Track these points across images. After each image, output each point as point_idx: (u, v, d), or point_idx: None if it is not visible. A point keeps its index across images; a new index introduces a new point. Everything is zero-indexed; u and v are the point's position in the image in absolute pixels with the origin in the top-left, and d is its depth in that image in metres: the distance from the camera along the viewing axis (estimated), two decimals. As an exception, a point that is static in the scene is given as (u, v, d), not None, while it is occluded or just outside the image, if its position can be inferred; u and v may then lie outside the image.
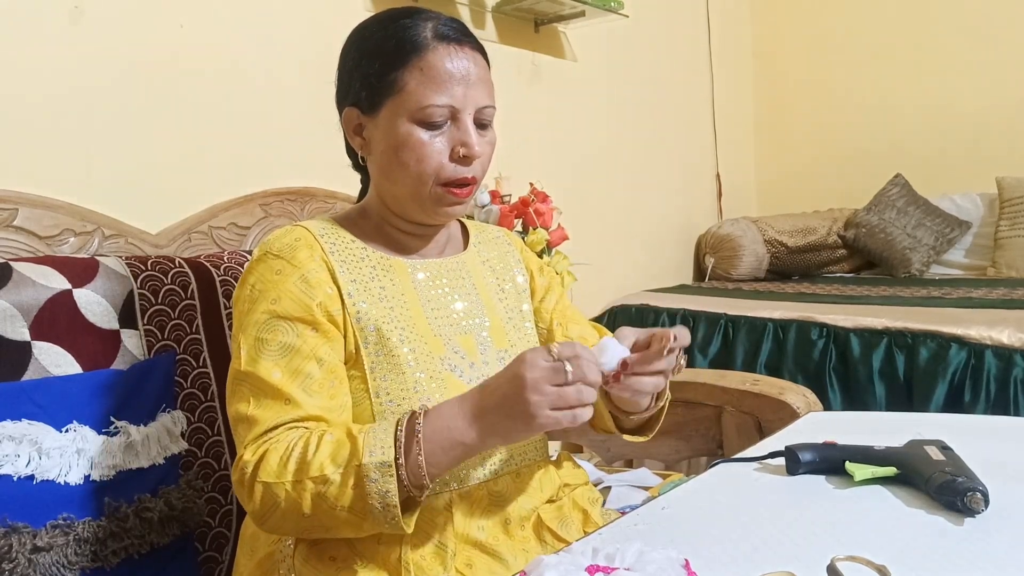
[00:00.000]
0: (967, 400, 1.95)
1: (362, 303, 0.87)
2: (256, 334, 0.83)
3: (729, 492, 0.85)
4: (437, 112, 0.86)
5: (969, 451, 0.82)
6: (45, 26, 1.32)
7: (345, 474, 0.74)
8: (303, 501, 0.75)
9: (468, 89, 0.87)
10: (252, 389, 0.81)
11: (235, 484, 0.80)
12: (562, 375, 0.72)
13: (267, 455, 0.77)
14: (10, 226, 1.10)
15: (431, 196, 0.88)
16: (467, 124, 0.87)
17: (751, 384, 1.48)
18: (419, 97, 0.85)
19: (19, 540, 0.86)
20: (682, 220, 3.28)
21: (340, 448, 0.76)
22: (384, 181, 0.92)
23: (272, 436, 0.79)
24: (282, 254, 0.87)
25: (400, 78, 0.86)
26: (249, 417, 0.80)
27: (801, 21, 3.65)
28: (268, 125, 1.64)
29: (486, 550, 0.85)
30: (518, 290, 1.03)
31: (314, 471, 0.75)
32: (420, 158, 0.86)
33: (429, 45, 0.86)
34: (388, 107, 0.88)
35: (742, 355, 2.38)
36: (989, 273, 2.96)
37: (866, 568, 0.60)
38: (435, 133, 0.87)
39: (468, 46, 0.89)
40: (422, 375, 0.86)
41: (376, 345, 0.86)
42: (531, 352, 0.74)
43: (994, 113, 3.15)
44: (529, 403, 0.72)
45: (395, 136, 0.87)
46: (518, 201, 1.99)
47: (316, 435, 0.77)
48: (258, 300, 0.85)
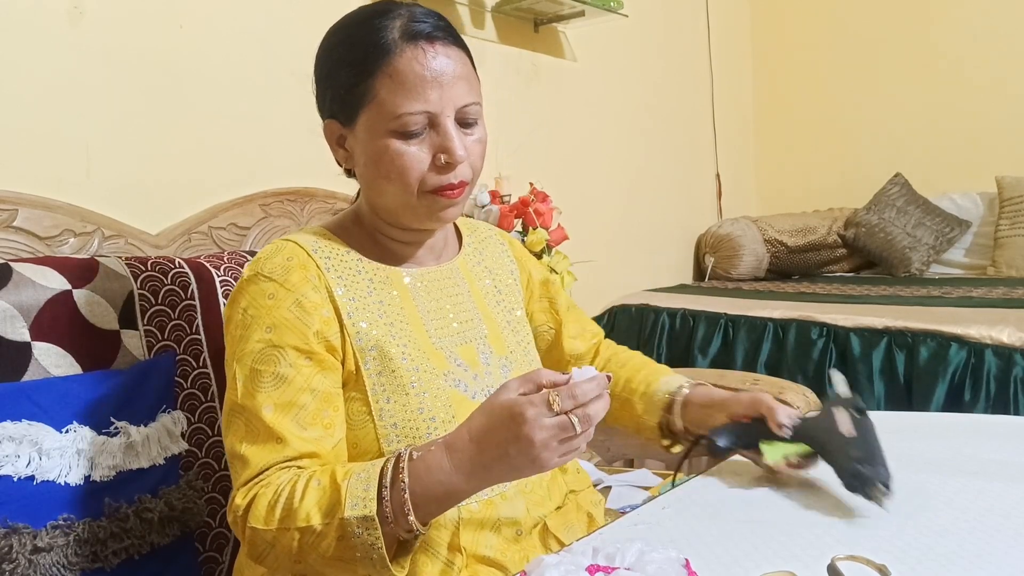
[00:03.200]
0: (967, 399, 1.95)
1: (362, 323, 0.84)
2: (252, 364, 0.80)
3: (729, 492, 0.85)
4: (412, 120, 0.81)
5: (969, 451, 0.82)
6: (45, 26, 1.32)
7: (328, 526, 0.72)
8: (292, 547, 0.74)
9: (444, 90, 0.81)
10: (247, 425, 0.79)
11: (231, 524, 0.79)
12: (570, 429, 0.69)
13: (256, 500, 0.76)
14: (10, 227, 1.10)
15: (421, 205, 0.85)
16: (447, 128, 0.82)
17: (751, 383, 1.48)
18: (391, 106, 0.81)
19: (19, 541, 0.85)
20: (682, 220, 3.27)
21: (324, 496, 0.73)
22: (371, 193, 0.89)
23: (262, 479, 0.77)
24: (274, 276, 0.83)
25: (371, 87, 0.82)
26: (242, 456, 0.79)
27: (801, 21, 3.64)
28: (268, 125, 1.63)
29: (493, 564, 0.84)
30: (513, 293, 1.02)
31: (300, 521, 0.73)
32: (400, 171, 0.82)
33: (396, 48, 0.81)
34: (363, 118, 0.84)
35: (742, 355, 2.38)
36: (989, 272, 2.96)
37: (866, 568, 0.60)
38: (414, 142, 0.82)
39: (440, 43, 0.83)
40: (427, 395, 0.84)
41: (378, 366, 0.84)
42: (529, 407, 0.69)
43: (994, 112, 3.15)
44: (540, 459, 0.69)
45: (374, 149, 0.83)
46: (518, 201, 1.99)
47: (304, 480, 0.75)
48: (251, 326, 0.82)
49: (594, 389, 0.70)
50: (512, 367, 0.94)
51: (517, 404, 0.69)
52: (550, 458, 0.69)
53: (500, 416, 0.71)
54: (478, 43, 2.23)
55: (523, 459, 0.69)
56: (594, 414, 0.69)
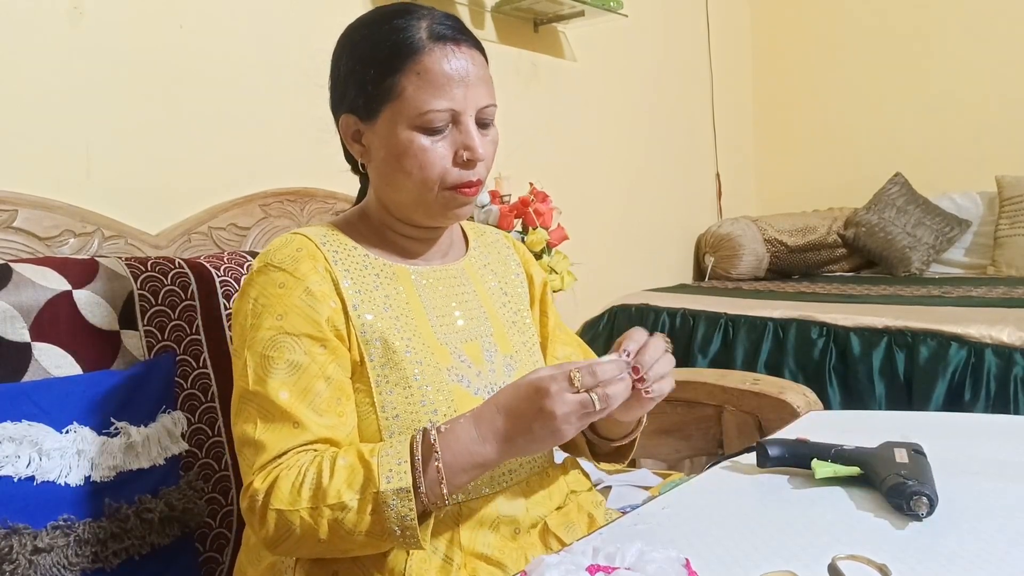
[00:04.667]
0: (967, 399, 1.95)
1: (367, 315, 0.85)
2: (263, 351, 0.81)
3: (729, 492, 0.85)
4: (438, 117, 0.84)
5: (969, 451, 0.82)
6: (45, 26, 1.32)
7: (363, 501, 0.73)
8: (319, 527, 0.74)
9: (468, 90, 0.84)
10: (260, 410, 0.79)
11: (245, 512, 0.78)
12: (590, 406, 0.73)
13: (278, 482, 0.76)
14: (10, 227, 1.10)
15: (438, 201, 0.87)
16: (469, 126, 0.85)
17: (751, 383, 1.48)
18: (418, 102, 0.83)
19: (20, 541, 0.85)
20: (682, 220, 3.27)
21: (354, 473, 0.75)
22: (386, 188, 0.90)
23: (282, 462, 0.77)
24: (284, 266, 0.84)
25: (397, 83, 0.84)
26: (257, 441, 0.78)
27: (801, 21, 3.64)
28: (268, 125, 1.63)
29: (491, 561, 0.84)
30: (519, 295, 1.03)
31: (331, 498, 0.74)
32: (423, 165, 0.84)
33: (425, 47, 0.84)
34: (386, 114, 0.85)
35: (742, 354, 2.38)
36: (989, 272, 2.96)
37: (867, 567, 0.60)
38: (437, 138, 0.85)
39: (465, 44, 0.86)
40: (429, 388, 0.85)
41: (382, 358, 0.84)
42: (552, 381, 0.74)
43: (994, 112, 3.15)
44: (560, 432, 0.74)
45: (396, 143, 0.85)
46: (518, 201, 1.99)
47: (328, 459, 0.76)
48: (262, 315, 0.82)
49: (613, 370, 0.75)
50: (517, 366, 0.95)
51: (542, 380, 0.75)
52: (568, 431, 0.74)
53: (526, 390, 0.76)
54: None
55: (544, 431, 0.75)
56: (613, 395, 0.74)
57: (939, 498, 0.73)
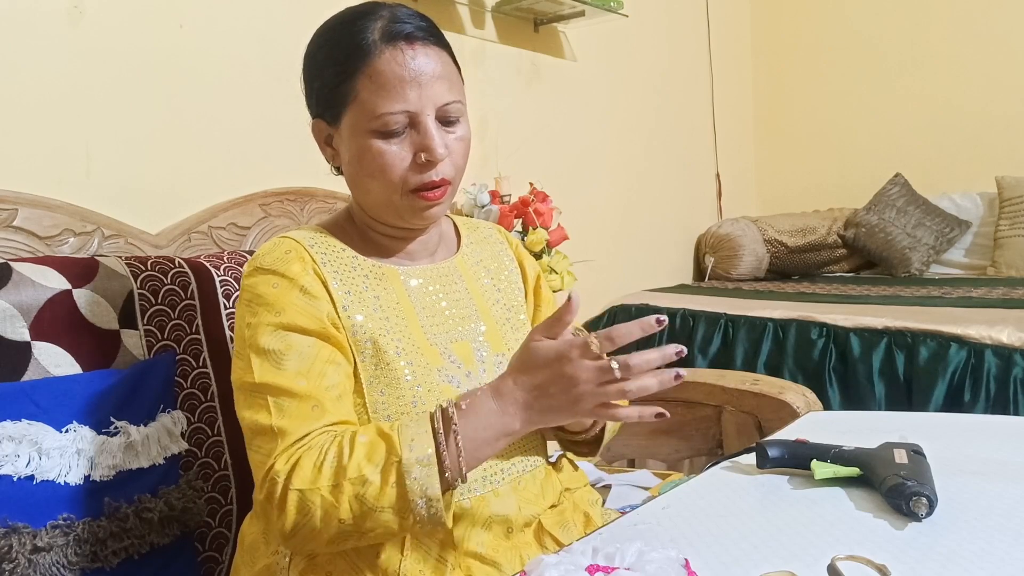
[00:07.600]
0: (967, 399, 1.95)
1: (358, 315, 0.85)
2: (268, 346, 0.80)
3: (729, 492, 0.85)
4: (392, 120, 0.83)
5: (969, 451, 0.82)
6: (45, 26, 1.32)
7: (385, 472, 0.73)
8: (341, 505, 0.73)
9: (423, 90, 0.83)
10: (273, 399, 0.79)
11: (262, 503, 0.77)
12: (609, 372, 0.73)
13: (300, 462, 0.75)
14: (10, 226, 1.10)
15: (403, 205, 0.86)
16: (427, 126, 0.83)
17: (751, 384, 1.48)
18: (372, 106, 0.82)
19: (19, 540, 0.85)
20: (682, 220, 3.28)
21: (375, 447, 0.74)
22: (356, 191, 0.90)
23: (304, 443, 0.76)
24: (275, 268, 0.84)
25: (352, 88, 0.83)
26: (274, 428, 0.77)
27: (801, 21, 3.65)
28: (268, 125, 1.63)
29: (486, 560, 0.84)
30: (514, 292, 1.02)
31: (352, 473, 0.73)
32: (382, 169, 0.84)
33: (375, 49, 0.83)
34: (347, 118, 0.85)
35: (742, 355, 2.38)
36: (989, 272, 2.96)
37: (866, 568, 0.60)
38: (394, 141, 0.84)
39: (419, 43, 0.84)
40: (420, 388, 0.85)
41: (373, 358, 0.84)
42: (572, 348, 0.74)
43: (994, 112, 3.15)
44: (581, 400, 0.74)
45: (356, 148, 0.85)
46: (518, 201, 1.99)
47: (348, 437, 0.76)
48: (260, 313, 0.82)
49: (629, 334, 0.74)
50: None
51: (562, 346, 0.75)
52: (588, 400, 0.74)
53: (545, 356, 0.76)
54: (478, 43, 2.23)
55: (564, 398, 0.75)
56: (634, 364, 0.73)
57: (939, 498, 0.73)
